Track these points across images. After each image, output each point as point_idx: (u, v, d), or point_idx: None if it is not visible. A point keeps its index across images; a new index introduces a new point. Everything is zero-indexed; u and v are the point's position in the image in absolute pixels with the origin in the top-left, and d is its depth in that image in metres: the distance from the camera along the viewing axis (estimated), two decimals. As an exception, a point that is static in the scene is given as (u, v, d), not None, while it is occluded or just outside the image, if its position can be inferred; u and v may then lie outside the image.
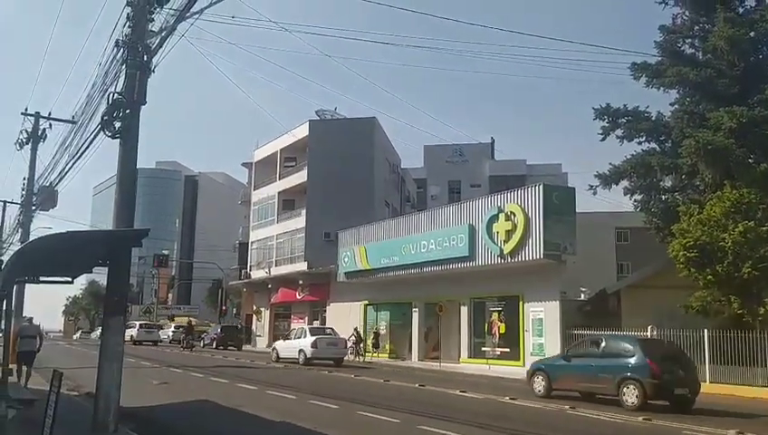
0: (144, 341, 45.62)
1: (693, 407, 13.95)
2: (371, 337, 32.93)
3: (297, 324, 42.31)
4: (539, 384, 16.26)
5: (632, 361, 14.29)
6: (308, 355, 26.45)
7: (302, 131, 46.87)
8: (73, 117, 16.99)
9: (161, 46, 9.21)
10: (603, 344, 15.60)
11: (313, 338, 26.93)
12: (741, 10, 27.19)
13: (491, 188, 53.48)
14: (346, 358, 28.74)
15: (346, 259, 34.19)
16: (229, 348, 41.64)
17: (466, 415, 11.95)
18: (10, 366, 12.74)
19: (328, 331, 29.07)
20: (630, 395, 13.84)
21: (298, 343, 27.60)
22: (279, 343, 30.24)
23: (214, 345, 42.55)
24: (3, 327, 14.01)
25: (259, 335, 47.65)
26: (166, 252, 78.94)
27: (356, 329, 32.69)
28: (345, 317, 35.44)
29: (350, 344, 30.52)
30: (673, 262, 22.33)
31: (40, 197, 22.64)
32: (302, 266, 42.68)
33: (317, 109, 52.64)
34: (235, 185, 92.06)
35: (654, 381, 13.70)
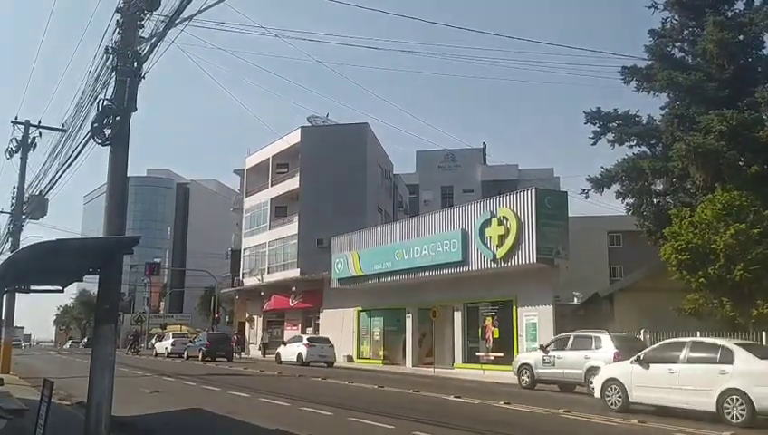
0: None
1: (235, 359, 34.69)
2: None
3: (290, 332, 42.37)
4: None
5: (204, 341, 35.03)
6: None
7: (294, 138, 46.82)
8: (63, 125, 16.90)
9: (151, 53, 9.15)
10: (201, 337, 37.58)
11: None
12: (730, 14, 27.40)
13: (483, 193, 53.69)
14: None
15: (339, 265, 34.13)
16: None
17: (461, 420, 11.91)
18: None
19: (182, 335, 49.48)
20: (199, 356, 33.47)
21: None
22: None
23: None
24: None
25: (252, 343, 47.45)
26: (158, 260, 78.47)
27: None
28: (338, 324, 35.39)
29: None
30: (665, 265, 22.42)
31: (30, 205, 22.48)
32: (294, 273, 42.62)
33: (309, 115, 52.54)
34: (226, 192, 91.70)
35: (206, 349, 33.39)
